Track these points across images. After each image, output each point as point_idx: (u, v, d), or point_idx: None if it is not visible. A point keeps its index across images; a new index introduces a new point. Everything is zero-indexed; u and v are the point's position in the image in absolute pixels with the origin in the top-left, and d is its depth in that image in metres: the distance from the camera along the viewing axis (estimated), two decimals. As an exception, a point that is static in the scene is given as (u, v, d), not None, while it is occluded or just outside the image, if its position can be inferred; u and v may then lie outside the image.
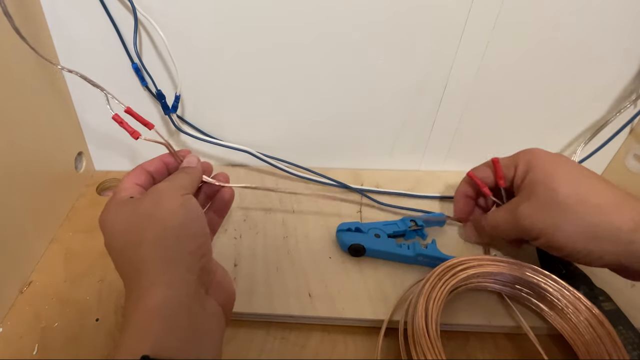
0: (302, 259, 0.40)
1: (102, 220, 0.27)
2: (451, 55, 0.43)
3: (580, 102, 0.47)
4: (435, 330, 0.30)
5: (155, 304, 0.22)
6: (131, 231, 0.25)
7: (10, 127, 0.36)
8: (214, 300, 0.26)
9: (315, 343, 0.34)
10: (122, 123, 0.30)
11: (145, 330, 0.21)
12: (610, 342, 0.30)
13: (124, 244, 0.25)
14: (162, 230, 0.24)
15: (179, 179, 0.29)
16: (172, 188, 0.27)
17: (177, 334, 0.22)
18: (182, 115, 0.48)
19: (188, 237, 0.25)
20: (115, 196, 0.28)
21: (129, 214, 0.26)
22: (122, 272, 0.25)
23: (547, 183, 0.32)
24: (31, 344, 0.33)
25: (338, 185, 0.49)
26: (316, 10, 0.40)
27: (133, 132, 0.30)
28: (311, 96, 0.47)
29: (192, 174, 0.30)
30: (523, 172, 0.34)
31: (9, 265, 0.36)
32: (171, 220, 0.25)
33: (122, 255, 0.25)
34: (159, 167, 0.32)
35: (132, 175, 0.30)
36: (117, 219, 0.26)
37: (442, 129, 0.50)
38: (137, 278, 0.23)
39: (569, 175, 0.32)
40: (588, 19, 0.41)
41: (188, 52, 0.42)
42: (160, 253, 0.24)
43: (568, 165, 0.33)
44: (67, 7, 0.39)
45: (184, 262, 0.24)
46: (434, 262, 0.38)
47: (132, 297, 0.23)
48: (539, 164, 0.33)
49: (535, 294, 0.34)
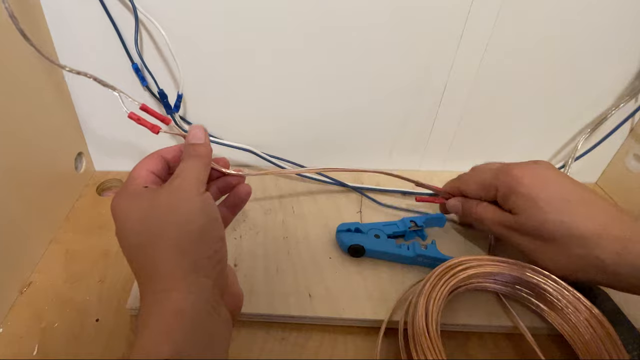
0: (302, 259, 0.40)
1: (114, 207, 0.26)
2: (451, 55, 0.43)
3: (580, 102, 0.47)
4: (435, 330, 0.30)
5: (175, 308, 0.22)
6: (148, 230, 0.24)
7: (10, 127, 0.36)
8: (225, 307, 0.25)
9: (315, 343, 0.34)
10: (140, 120, 0.29)
11: (165, 335, 0.21)
12: (610, 342, 0.30)
13: (141, 241, 0.24)
14: (181, 234, 0.24)
15: (193, 170, 0.27)
16: (189, 186, 0.26)
17: (196, 340, 0.22)
18: (184, 115, 0.48)
19: (207, 242, 0.25)
20: (130, 183, 0.27)
21: (144, 209, 0.25)
22: (136, 269, 0.25)
23: (532, 213, 0.32)
24: (31, 344, 0.33)
25: (338, 184, 0.49)
26: (317, 11, 0.40)
27: (152, 126, 0.29)
28: (312, 96, 0.47)
29: (203, 156, 0.28)
30: (504, 195, 0.34)
31: (9, 266, 0.36)
32: (190, 224, 0.24)
33: (137, 253, 0.24)
34: (177, 155, 0.30)
35: (147, 162, 0.29)
36: (131, 208, 0.25)
37: (442, 129, 0.50)
38: (155, 280, 0.23)
39: (553, 203, 0.31)
40: (588, 18, 0.41)
41: (190, 52, 0.42)
42: (179, 257, 0.23)
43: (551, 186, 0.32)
44: (67, 7, 0.39)
45: (202, 267, 0.24)
46: (433, 262, 0.38)
47: (148, 298, 0.23)
48: (521, 191, 0.32)
49: (535, 294, 0.34)
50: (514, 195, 0.33)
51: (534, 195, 0.32)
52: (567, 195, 0.32)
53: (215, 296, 0.24)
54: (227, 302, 0.26)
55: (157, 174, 0.29)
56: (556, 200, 0.31)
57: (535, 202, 0.32)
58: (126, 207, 0.25)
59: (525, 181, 0.33)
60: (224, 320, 0.25)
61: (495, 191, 0.35)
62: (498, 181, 0.34)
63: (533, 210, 0.32)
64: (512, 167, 0.34)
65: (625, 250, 0.29)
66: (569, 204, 0.31)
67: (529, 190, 0.32)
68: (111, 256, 0.41)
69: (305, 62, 0.44)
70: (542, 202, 0.31)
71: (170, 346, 0.21)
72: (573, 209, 0.31)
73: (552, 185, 0.32)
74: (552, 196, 0.31)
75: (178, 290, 0.22)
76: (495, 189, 0.35)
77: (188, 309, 0.22)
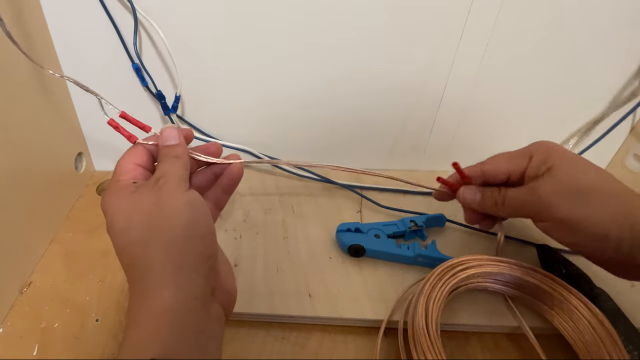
0: (302, 259, 0.40)
1: (104, 204, 0.26)
2: (451, 55, 0.43)
3: (580, 101, 0.47)
4: (435, 330, 0.30)
5: (164, 306, 0.22)
6: (136, 228, 0.24)
7: (11, 128, 0.36)
8: (217, 303, 0.25)
9: (315, 343, 0.34)
10: (118, 128, 0.29)
11: (153, 332, 0.21)
12: (610, 342, 0.30)
13: (130, 239, 0.24)
14: (168, 230, 0.24)
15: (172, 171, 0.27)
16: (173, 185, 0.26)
17: (185, 338, 0.21)
18: (182, 115, 0.48)
19: (195, 237, 0.24)
20: (118, 179, 0.27)
21: (133, 207, 0.25)
22: (125, 266, 0.25)
23: (570, 169, 0.33)
24: (31, 344, 0.33)
25: (338, 184, 0.49)
26: (316, 11, 0.40)
27: (130, 136, 0.29)
28: (311, 97, 0.47)
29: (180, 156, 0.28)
30: (540, 161, 0.34)
31: (9, 265, 0.36)
32: (177, 219, 0.24)
33: (126, 250, 0.24)
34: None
35: (132, 155, 0.28)
36: (119, 206, 0.25)
37: (442, 129, 0.50)
38: (145, 277, 0.23)
39: (588, 166, 0.33)
40: (587, 18, 0.41)
41: (188, 53, 0.42)
42: (168, 254, 0.23)
43: (583, 158, 0.34)
44: (67, 8, 0.39)
45: (191, 263, 0.24)
46: (433, 262, 0.38)
47: (138, 295, 0.23)
48: (559, 153, 0.34)
49: (535, 293, 0.34)
50: (554, 155, 0.34)
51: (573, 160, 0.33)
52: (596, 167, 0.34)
53: (206, 292, 0.24)
54: (220, 299, 0.26)
55: (144, 166, 0.29)
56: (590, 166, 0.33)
57: (573, 163, 0.33)
58: (115, 205, 0.25)
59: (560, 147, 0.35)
60: (215, 317, 0.24)
61: (529, 160, 0.35)
62: (532, 149, 0.35)
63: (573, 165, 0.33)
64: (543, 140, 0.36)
65: None
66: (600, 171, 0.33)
67: (567, 155, 0.34)
68: (111, 256, 0.41)
69: (304, 62, 0.44)
70: (579, 164, 0.33)
71: (158, 345, 0.20)
72: (604, 175, 0.33)
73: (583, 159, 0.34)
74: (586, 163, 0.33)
75: (167, 287, 0.22)
76: (529, 157, 0.35)
77: (177, 307, 0.22)
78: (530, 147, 0.36)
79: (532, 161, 0.35)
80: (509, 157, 0.37)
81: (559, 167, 0.33)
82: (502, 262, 0.35)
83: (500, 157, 0.37)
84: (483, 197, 0.37)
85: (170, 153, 0.28)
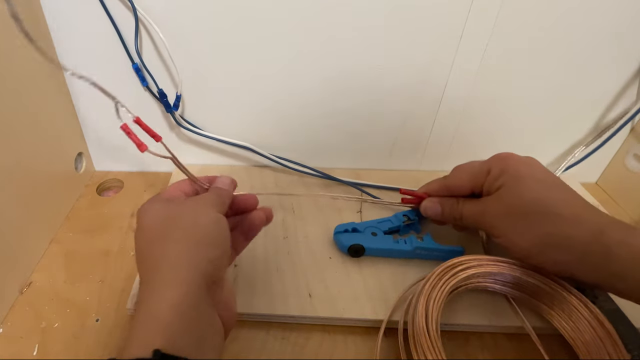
0: (302, 259, 0.40)
1: (141, 211, 0.28)
2: (451, 55, 0.43)
3: (580, 101, 0.47)
4: (435, 330, 0.30)
5: (173, 300, 0.22)
6: (162, 227, 0.26)
7: (11, 128, 0.36)
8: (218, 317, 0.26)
9: (315, 343, 0.34)
10: (130, 134, 0.29)
11: (160, 323, 0.22)
12: (610, 342, 0.30)
13: (153, 237, 0.26)
14: (189, 232, 0.26)
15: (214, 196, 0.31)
16: (210, 202, 0.29)
17: (189, 333, 0.22)
18: (183, 113, 0.48)
19: (210, 245, 0.26)
20: (161, 194, 0.30)
21: (166, 212, 0.27)
22: (140, 261, 0.26)
23: (515, 187, 0.34)
24: (31, 344, 0.33)
25: (338, 181, 0.49)
26: (316, 11, 0.40)
27: (140, 144, 0.29)
28: (311, 96, 0.47)
29: (224, 195, 0.32)
30: (494, 177, 0.35)
31: (9, 265, 0.36)
32: (200, 226, 0.26)
33: (147, 247, 0.26)
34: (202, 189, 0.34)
35: (180, 184, 0.32)
36: (154, 208, 0.28)
37: (442, 129, 0.50)
38: (157, 270, 0.24)
39: (537, 183, 0.33)
40: (588, 20, 0.41)
41: (188, 52, 0.42)
42: (183, 252, 0.25)
43: (538, 172, 0.35)
44: (68, 8, 0.39)
45: (202, 267, 0.25)
46: (432, 253, 0.39)
47: (147, 287, 0.24)
48: (510, 170, 0.34)
49: (535, 294, 0.34)
50: (505, 174, 0.35)
51: (522, 174, 0.34)
52: (550, 181, 0.34)
53: (209, 301, 0.25)
54: (221, 314, 0.26)
55: (187, 194, 0.32)
56: (540, 182, 0.34)
57: (522, 179, 0.34)
58: (150, 208, 0.28)
59: (515, 162, 0.35)
60: (216, 329, 0.25)
61: (488, 173, 0.36)
62: (491, 163, 0.36)
63: (517, 185, 0.34)
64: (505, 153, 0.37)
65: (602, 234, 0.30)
66: (551, 188, 0.34)
67: (518, 169, 0.34)
68: (111, 256, 0.41)
69: (304, 62, 0.44)
70: (528, 179, 0.34)
71: (165, 335, 0.21)
72: (554, 192, 0.33)
73: (539, 172, 0.35)
74: (537, 179, 0.34)
75: (177, 284, 0.23)
76: (488, 170, 0.36)
77: (184, 304, 0.22)
78: (489, 161, 0.37)
79: (489, 176, 0.36)
80: (470, 173, 0.38)
81: (507, 187, 0.34)
82: (502, 262, 0.35)
83: (463, 172, 0.39)
84: (443, 211, 0.39)
85: (217, 190, 0.32)
